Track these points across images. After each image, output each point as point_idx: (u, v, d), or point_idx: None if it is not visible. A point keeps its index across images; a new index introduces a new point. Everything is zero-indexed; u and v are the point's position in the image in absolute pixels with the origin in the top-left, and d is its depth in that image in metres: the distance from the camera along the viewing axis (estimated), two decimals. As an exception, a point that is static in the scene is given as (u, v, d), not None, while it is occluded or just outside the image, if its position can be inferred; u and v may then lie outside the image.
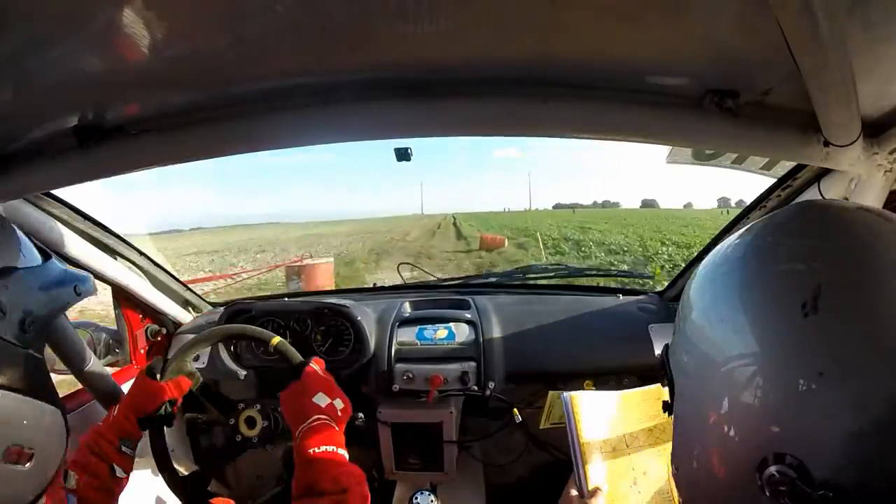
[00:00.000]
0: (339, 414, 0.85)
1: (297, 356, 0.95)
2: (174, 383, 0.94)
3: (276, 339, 0.97)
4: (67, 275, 0.64)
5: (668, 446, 0.52)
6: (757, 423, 0.37)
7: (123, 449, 0.84)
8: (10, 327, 0.53)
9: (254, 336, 1.01)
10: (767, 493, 0.36)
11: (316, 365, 0.92)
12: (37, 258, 0.60)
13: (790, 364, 0.35)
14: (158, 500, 1.25)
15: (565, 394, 0.82)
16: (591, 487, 0.75)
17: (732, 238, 0.46)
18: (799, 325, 0.35)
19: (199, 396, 1.01)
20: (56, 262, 0.63)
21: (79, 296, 0.64)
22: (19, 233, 0.60)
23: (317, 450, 0.75)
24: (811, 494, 0.33)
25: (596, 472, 0.77)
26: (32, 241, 0.62)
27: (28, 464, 0.52)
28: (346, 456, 0.77)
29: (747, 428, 0.38)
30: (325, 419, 0.81)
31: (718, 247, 0.47)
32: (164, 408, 0.93)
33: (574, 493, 0.76)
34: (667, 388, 0.52)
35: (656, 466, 0.79)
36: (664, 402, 0.53)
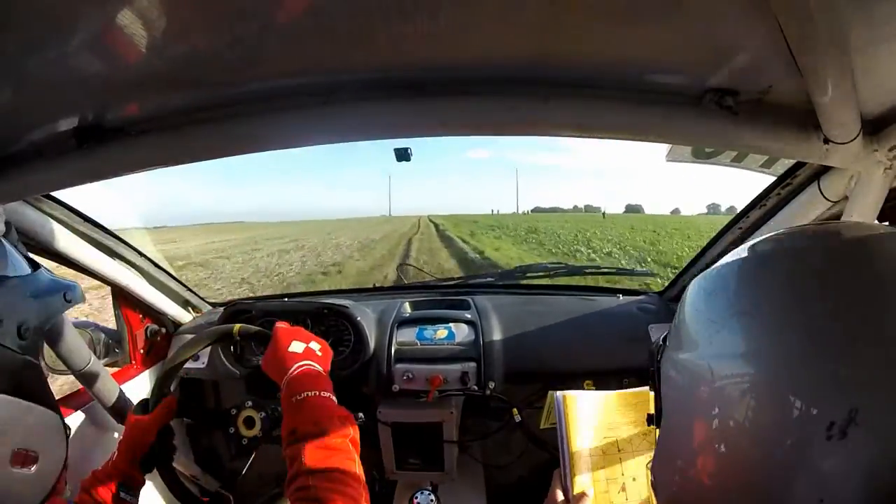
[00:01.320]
0: (320, 354, 0.84)
1: (257, 328, 0.95)
2: (161, 410, 0.90)
3: (237, 326, 0.96)
4: (56, 283, 0.65)
5: None
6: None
7: (122, 495, 0.80)
8: (7, 334, 0.53)
9: (216, 337, 0.99)
10: None
11: (282, 324, 0.90)
12: (26, 268, 0.61)
13: (797, 479, 0.30)
14: (158, 500, 1.25)
15: (558, 394, 0.80)
16: (576, 492, 0.74)
17: (756, 255, 0.39)
18: (819, 447, 0.29)
19: (183, 418, 0.99)
20: (44, 272, 0.64)
21: (68, 303, 0.66)
22: (6, 244, 0.62)
23: (298, 396, 0.73)
24: None
25: (583, 477, 0.76)
26: (20, 252, 0.63)
27: (33, 467, 0.53)
28: (333, 398, 0.75)
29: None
30: (305, 364, 0.80)
31: (737, 261, 0.40)
32: (160, 439, 0.90)
33: (560, 496, 0.75)
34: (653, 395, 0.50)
35: (646, 473, 0.77)
36: (649, 415, 0.51)
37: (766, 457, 0.32)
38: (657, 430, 0.49)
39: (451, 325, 1.31)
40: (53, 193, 0.99)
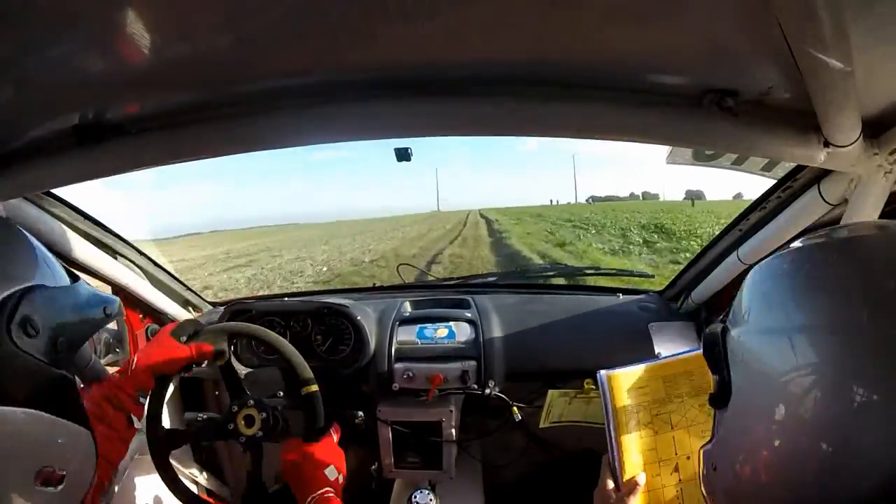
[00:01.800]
0: (340, 485, 0.89)
1: (322, 418, 0.95)
2: (196, 347, 0.94)
3: (313, 388, 0.96)
4: (96, 297, 0.63)
5: None
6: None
7: (141, 399, 0.87)
8: (42, 346, 0.51)
9: (295, 366, 0.98)
10: None
11: (335, 432, 0.95)
12: (65, 279, 0.59)
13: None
14: (157, 499, 1.25)
15: (602, 373, 0.76)
16: (626, 479, 0.71)
17: (836, 246, 0.42)
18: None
19: (221, 374, 1.00)
20: (84, 284, 0.62)
21: (108, 317, 0.63)
22: (47, 252, 0.59)
23: None
24: None
25: (633, 461, 0.71)
26: (61, 264, 0.61)
27: (59, 486, 0.51)
28: None
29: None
30: (331, 493, 0.85)
31: (815, 247, 0.43)
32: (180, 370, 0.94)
33: (610, 485, 0.71)
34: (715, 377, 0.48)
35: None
36: (711, 396, 0.49)
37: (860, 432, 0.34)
38: (716, 413, 0.48)
39: (451, 324, 1.31)
40: (54, 191, 0.99)
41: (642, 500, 0.70)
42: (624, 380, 0.75)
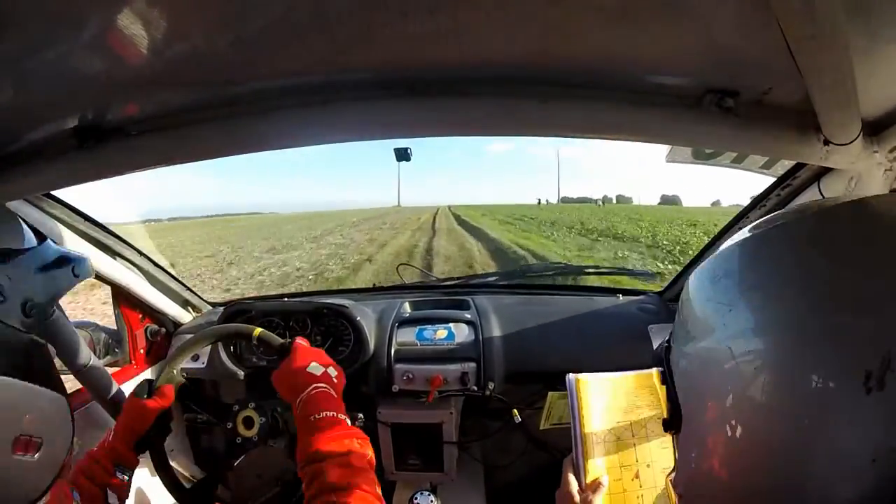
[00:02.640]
0: (335, 381, 0.84)
1: (280, 339, 0.95)
2: (159, 395, 0.92)
3: (258, 330, 0.96)
4: (64, 256, 0.61)
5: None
6: None
7: (119, 475, 0.81)
8: (11, 312, 0.51)
9: (235, 333, 1.00)
10: None
11: (302, 340, 0.91)
12: (32, 240, 0.57)
13: (846, 441, 0.30)
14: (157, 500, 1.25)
15: (570, 376, 0.77)
16: (589, 480, 0.72)
17: (766, 233, 0.38)
18: (857, 400, 0.29)
19: (182, 401, 1.00)
20: (52, 244, 0.60)
21: (77, 277, 0.62)
22: (10, 211, 0.58)
23: (317, 415, 0.74)
24: None
25: (596, 462, 0.73)
26: (27, 223, 0.59)
27: (36, 454, 0.50)
28: (348, 420, 0.76)
29: None
30: (322, 387, 0.80)
31: (740, 244, 0.39)
32: (156, 423, 0.91)
33: (573, 484, 0.73)
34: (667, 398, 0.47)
35: (660, 458, 0.75)
36: (664, 420, 0.48)
37: (796, 429, 0.32)
38: (673, 438, 0.47)
39: (450, 325, 1.31)
40: (54, 192, 0.99)
41: (605, 502, 0.71)
42: (592, 385, 0.77)
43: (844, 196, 0.81)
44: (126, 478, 0.83)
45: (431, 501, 1.25)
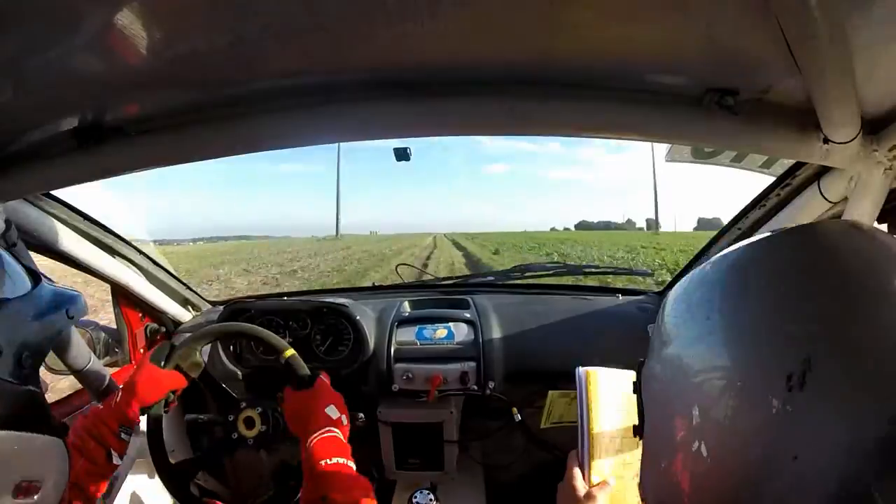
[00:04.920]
0: (345, 428, 0.87)
1: (306, 368, 0.96)
2: (176, 376, 0.94)
3: (290, 352, 0.96)
4: (58, 297, 0.60)
5: None
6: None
7: (122, 436, 0.84)
8: (6, 365, 0.50)
9: (266, 340, 1.00)
10: None
11: (325, 378, 0.93)
12: (26, 284, 0.57)
13: (768, 438, 0.32)
14: (156, 500, 1.25)
15: (580, 369, 0.77)
16: (594, 474, 0.72)
17: (718, 259, 0.42)
18: (783, 403, 0.31)
19: (203, 388, 1.00)
20: (46, 285, 0.59)
21: (71, 319, 0.61)
22: (7, 257, 0.57)
23: (329, 461, 0.77)
24: None
25: (603, 463, 0.73)
26: (21, 265, 0.58)
27: (36, 496, 0.51)
28: (354, 467, 0.79)
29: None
30: (335, 432, 0.83)
31: (703, 267, 0.43)
32: (166, 398, 0.93)
33: (578, 479, 0.72)
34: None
35: None
36: (635, 427, 0.50)
37: (739, 434, 0.34)
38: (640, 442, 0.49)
39: (450, 324, 1.31)
40: (53, 192, 0.99)
41: (609, 498, 0.71)
42: (601, 379, 0.76)
43: (844, 195, 0.82)
44: (128, 438, 0.85)
45: (431, 501, 1.25)
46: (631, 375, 0.78)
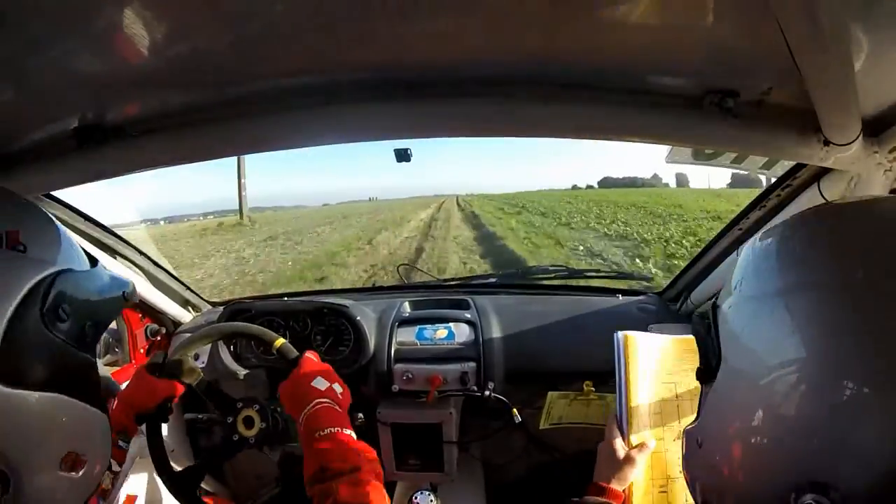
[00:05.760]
0: (340, 397, 0.84)
1: (295, 351, 0.95)
2: (171, 384, 0.93)
3: (280, 342, 0.96)
4: (115, 281, 0.62)
5: None
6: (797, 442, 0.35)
7: (120, 444, 0.84)
8: (72, 330, 0.51)
9: (256, 335, 1.00)
10: None
11: (311, 355, 0.91)
12: (87, 262, 0.58)
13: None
14: (156, 500, 1.25)
15: (619, 333, 0.79)
16: (633, 433, 0.73)
17: (846, 231, 0.42)
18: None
19: (199, 393, 1.00)
20: (103, 268, 0.61)
21: (126, 301, 0.63)
22: (70, 235, 0.58)
23: (322, 432, 0.74)
24: None
25: (642, 433, 0.74)
26: (80, 246, 0.60)
27: (81, 471, 0.51)
28: (353, 435, 0.76)
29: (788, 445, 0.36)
30: (326, 402, 0.80)
31: (830, 227, 0.43)
32: (162, 405, 0.93)
33: (618, 439, 0.74)
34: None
35: None
36: (698, 370, 0.49)
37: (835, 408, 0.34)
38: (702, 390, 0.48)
39: (450, 324, 1.31)
40: (54, 192, 0.99)
41: (649, 460, 0.72)
42: (639, 343, 0.78)
43: (844, 196, 0.82)
44: (126, 446, 0.85)
45: (431, 501, 1.25)
46: (671, 339, 0.79)
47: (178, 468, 0.98)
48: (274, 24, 0.53)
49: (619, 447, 0.73)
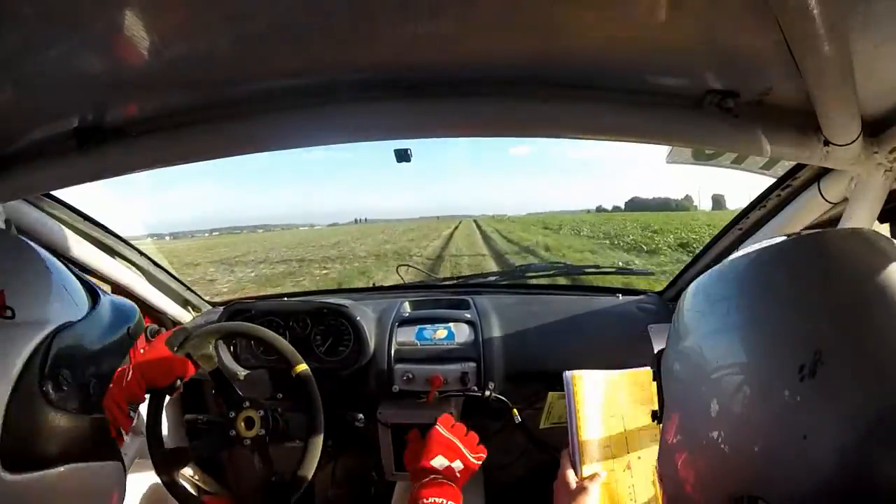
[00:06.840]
0: (458, 475, 0.89)
1: (318, 400, 0.97)
2: (188, 363, 0.96)
3: (302, 367, 0.97)
4: (118, 315, 0.56)
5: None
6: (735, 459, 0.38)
7: (132, 413, 0.86)
8: (74, 398, 0.47)
9: (283, 352, 1.00)
10: None
11: (442, 426, 0.95)
12: (84, 301, 0.52)
13: (782, 423, 0.35)
14: (156, 500, 1.25)
15: (567, 372, 0.82)
16: (585, 468, 0.77)
17: (738, 259, 0.44)
18: (793, 386, 0.35)
19: (211, 381, 1.00)
20: (105, 303, 0.55)
21: (131, 338, 0.57)
22: (67, 274, 0.52)
23: (426, 501, 0.80)
24: None
25: (591, 454, 0.78)
26: (78, 278, 0.53)
27: None
28: None
29: (726, 459, 0.38)
30: (440, 478, 0.85)
31: (722, 265, 0.46)
32: (173, 383, 0.95)
33: (570, 475, 0.77)
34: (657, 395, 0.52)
35: (651, 450, 0.79)
36: (653, 412, 0.54)
37: (754, 421, 0.37)
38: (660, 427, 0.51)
39: (450, 325, 1.31)
40: (53, 192, 0.99)
41: (600, 492, 0.76)
42: (585, 381, 0.82)
43: (844, 196, 0.82)
44: (134, 413, 0.89)
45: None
46: (618, 374, 0.83)
47: (182, 473, 0.99)
48: (274, 25, 0.53)
49: (572, 479, 0.77)
